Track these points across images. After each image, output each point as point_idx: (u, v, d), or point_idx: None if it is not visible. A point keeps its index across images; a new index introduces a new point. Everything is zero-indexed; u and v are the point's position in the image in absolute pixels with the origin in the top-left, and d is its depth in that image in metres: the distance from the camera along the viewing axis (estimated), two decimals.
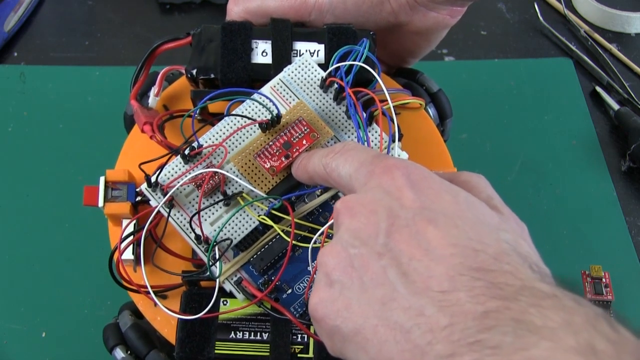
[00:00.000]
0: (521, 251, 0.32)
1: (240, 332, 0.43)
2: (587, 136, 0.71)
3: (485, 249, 0.31)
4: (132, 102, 0.48)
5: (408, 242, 0.31)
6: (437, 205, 0.33)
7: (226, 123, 0.44)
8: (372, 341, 0.31)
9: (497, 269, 0.30)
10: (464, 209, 0.33)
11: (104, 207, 0.44)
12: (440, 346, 0.28)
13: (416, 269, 0.31)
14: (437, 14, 0.53)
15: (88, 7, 0.81)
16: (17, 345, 0.57)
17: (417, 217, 0.32)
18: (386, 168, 0.34)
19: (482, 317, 0.28)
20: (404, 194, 0.33)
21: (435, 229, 0.31)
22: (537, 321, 0.27)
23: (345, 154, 0.37)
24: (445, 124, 0.56)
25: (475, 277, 0.30)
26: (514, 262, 0.31)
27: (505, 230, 0.33)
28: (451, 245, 0.31)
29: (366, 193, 0.34)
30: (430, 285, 0.30)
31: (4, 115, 0.71)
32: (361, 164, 0.36)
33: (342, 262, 0.33)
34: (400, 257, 0.31)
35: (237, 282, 0.42)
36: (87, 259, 0.61)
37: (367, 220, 0.33)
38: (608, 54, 0.77)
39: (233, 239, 0.42)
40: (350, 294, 0.32)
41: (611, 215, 0.66)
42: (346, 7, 0.50)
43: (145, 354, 0.46)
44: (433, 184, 0.34)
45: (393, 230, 0.32)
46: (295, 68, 0.46)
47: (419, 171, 0.34)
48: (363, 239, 0.33)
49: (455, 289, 0.29)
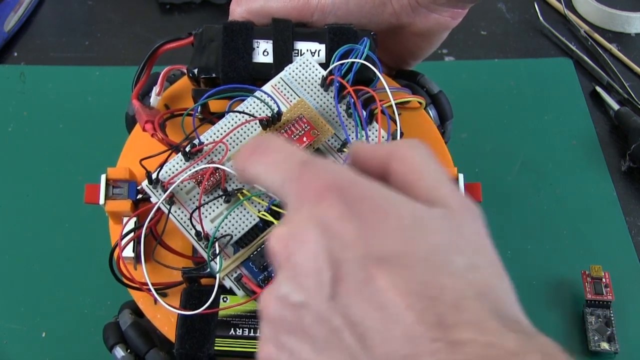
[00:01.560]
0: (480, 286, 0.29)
1: (240, 328, 0.43)
2: (587, 136, 0.71)
3: (442, 294, 0.28)
4: (134, 102, 0.48)
5: (358, 295, 0.28)
6: (382, 239, 0.29)
7: (227, 121, 0.44)
8: None
9: (457, 322, 0.27)
10: (412, 237, 0.29)
11: (105, 204, 0.44)
12: None
13: (371, 329, 0.28)
14: (439, 16, 0.53)
15: (88, 7, 0.81)
16: (17, 345, 0.57)
17: (363, 260, 0.28)
18: (318, 191, 0.30)
19: None
20: (343, 228, 0.29)
21: (385, 274, 0.28)
22: None
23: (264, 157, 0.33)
24: (446, 126, 0.56)
25: (435, 337, 0.27)
26: (474, 309, 0.28)
27: (460, 252, 0.30)
28: (405, 295, 0.28)
29: (301, 227, 0.30)
30: (391, 350, 0.27)
31: (4, 115, 0.71)
32: (286, 178, 0.31)
33: (289, 318, 0.30)
34: (352, 315, 0.28)
35: (237, 278, 0.42)
36: (87, 259, 0.61)
37: (307, 266, 0.29)
38: (608, 54, 0.77)
39: (233, 235, 0.42)
40: (303, 355, 0.30)
41: (611, 215, 0.66)
42: (348, 8, 0.50)
43: (145, 353, 0.46)
44: (373, 206, 0.30)
45: (339, 279, 0.28)
46: (296, 67, 0.46)
47: (355, 189, 0.30)
48: (307, 290, 0.29)
49: (417, 354, 0.27)
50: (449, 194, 0.32)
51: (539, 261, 0.62)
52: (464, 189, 0.46)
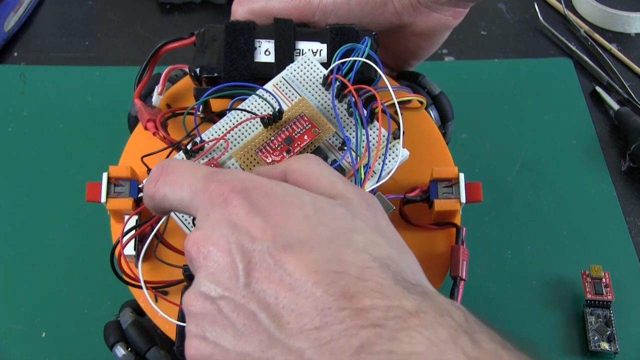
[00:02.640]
0: (382, 258, 0.32)
1: None
2: (587, 136, 0.71)
3: (346, 268, 0.30)
4: (136, 101, 0.48)
5: (269, 278, 0.31)
6: (287, 228, 0.32)
7: (229, 119, 0.44)
8: None
9: (360, 290, 0.30)
10: (315, 223, 0.32)
11: (107, 202, 0.44)
12: None
13: (285, 307, 0.30)
14: (440, 15, 0.53)
15: (88, 7, 0.81)
16: (17, 345, 0.57)
17: (271, 248, 0.31)
18: (223, 197, 0.33)
19: (358, 352, 0.28)
20: (251, 224, 0.32)
21: (292, 257, 0.31)
22: (407, 348, 0.28)
23: (170, 176, 0.35)
24: (447, 127, 0.56)
25: (341, 306, 0.29)
26: (377, 276, 0.30)
27: (361, 232, 0.32)
28: (312, 273, 0.30)
29: (212, 229, 0.32)
30: (304, 324, 0.29)
31: (4, 115, 0.71)
32: (194, 191, 0.34)
33: (210, 310, 0.32)
34: (266, 298, 0.30)
35: None
36: (87, 259, 0.61)
37: (222, 262, 0.32)
38: (608, 54, 0.78)
39: None
40: (226, 344, 0.31)
41: (611, 215, 0.66)
42: (350, 8, 0.50)
43: (146, 351, 0.46)
44: (277, 201, 0.32)
45: (251, 268, 0.31)
46: (297, 66, 0.46)
47: (258, 189, 0.33)
48: (224, 284, 0.31)
49: (327, 324, 0.29)
50: (345, 188, 0.35)
51: (539, 261, 0.62)
52: (464, 188, 0.46)
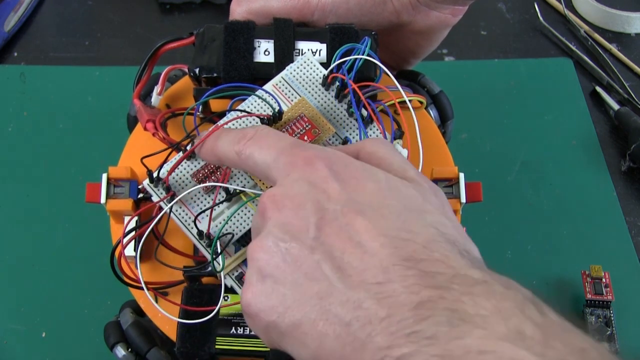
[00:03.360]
0: (448, 234, 0.33)
1: (241, 327, 0.43)
2: (587, 136, 0.71)
3: (414, 237, 0.31)
4: (135, 101, 0.48)
5: (339, 235, 0.32)
6: (362, 195, 0.33)
7: (228, 119, 0.44)
8: (312, 335, 0.31)
9: (427, 258, 0.31)
10: (388, 196, 0.33)
11: (106, 203, 0.44)
12: (379, 338, 0.29)
13: (350, 262, 0.31)
14: (439, 13, 0.53)
15: (88, 7, 0.81)
16: (17, 345, 0.57)
17: (345, 209, 0.32)
18: (307, 159, 0.35)
19: (417, 308, 0.29)
20: (329, 186, 0.33)
21: (364, 220, 0.32)
22: (470, 309, 0.28)
23: (260, 140, 0.37)
24: (447, 126, 0.56)
25: (407, 266, 0.30)
26: (443, 249, 0.31)
27: (430, 212, 0.34)
28: (381, 236, 0.31)
29: (291, 186, 0.34)
30: (366, 278, 0.30)
31: (4, 115, 0.71)
32: (279, 153, 0.36)
33: (274, 257, 0.33)
34: (332, 251, 0.32)
35: (238, 277, 0.42)
36: (87, 259, 0.61)
37: (295, 214, 0.33)
38: (608, 54, 0.78)
39: (235, 233, 0.42)
40: (284, 289, 0.32)
41: (611, 215, 0.66)
42: (349, 7, 0.50)
43: (146, 352, 0.46)
44: (355, 173, 0.34)
45: (322, 224, 0.32)
46: (297, 66, 0.46)
47: (340, 160, 0.35)
48: (293, 234, 0.33)
49: (390, 280, 0.30)
50: (416, 175, 0.36)
51: (539, 261, 0.62)
52: (464, 188, 0.46)
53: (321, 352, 0.31)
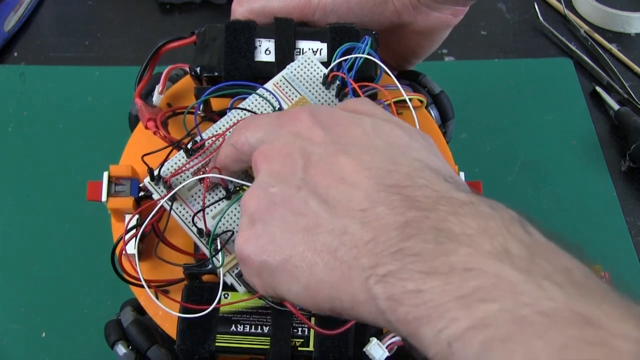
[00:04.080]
0: (433, 166, 0.33)
1: (241, 325, 0.43)
2: (587, 136, 0.71)
3: (398, 168, 0.32)
4: (136, 100, 0.48)
5: (323, 174, 0.33)
6: (347, 138, 0.34)
7: (229, 118, 0.44)
8: (302, 267, 0.32)
9: (412, 184, 0.31)
10: (373, 137, 0.34)
11: (107, 201, 0.44)
12: (365, 259, 0.30)
13: (335, 196, 0.32)
14: (440, 14, 0.53)
15: (88, 7, 0.81)
16: (17, 345, 0.57)
17: (329, 150, 0.34)
18: (292, 115, 0.36)
19: (403, 227, 0.30)
20: (313, 132, 0.35)
21: (348, 158, 0.33)
22: (456, 229, 0.29)
23: (250, 125, 0.38)
24: (447, 126, 0.56)
25: (392, 192, 0.31)
26: (427, 176, 0.32)
27: (416, 149, 0.34)
28: (365, 169, 0.32)
29: (278, 140, 0.36)
30: (351, 207, 0.31)
31: (4, 115, 0.71)
32: (268, 125, 0.37)
33: (263, 201, 0.34)
34: (318, 188, 0.33)
35: (238, 274, 0.42)
36: (87, 259, 0.61)
37: (283, 161, 0.34)
38: (608, 54, 0.78)
39: (235, 230, 0.42)
40: (273, 228, 0.33)
41: (611, 215, 0.66)
42: (350, 7, 0.50)
43: (147, 350, 0.46)
44: (340, 120, 0.35)
45: (308, 165, 0.34)
46: (298, 65, 0.46)
47: (324, 111, 0.36)
48: (281, 178, 0.34)
49: (375, 206, 0.31)
50: (403, 122, 0.37)
51: None
52: None
53: (311, 282, 0.32)
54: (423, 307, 0.28)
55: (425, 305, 0.28)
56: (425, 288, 0.28)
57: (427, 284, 0.28)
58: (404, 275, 0.29)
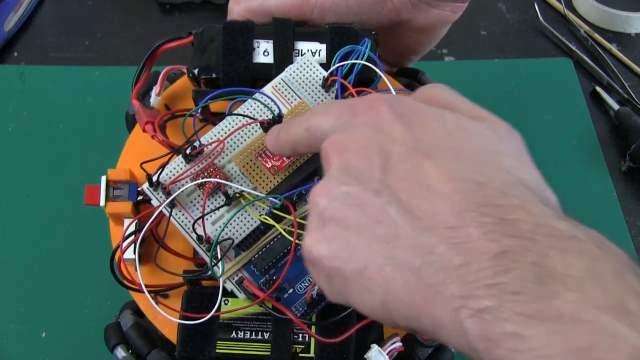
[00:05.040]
0: (526, 180, 0.30)
1: (242, 331, 0.43)
2: (587, 136, 0.71)
3: (489, 181, 0.29)
4: (134, 102, 0.48)
5: (406, 178, 0.29)
6: (429, 137, 0.31)
7: (227, 123, 0.44)
8: (378, 281, 0.29)
9: (505, 204, 0.28)
10: (457, 136, 0.31)
11: (106, 206, 0.44)
12: (454, 286, 0.27)
13: (419, 205, 0.29)
14: (439, 11, 0.53)
15: (88, 7, 0.81)
16: (17, 345, 0.57)
17: (411, 151, 0.30)
18: (369, 104, 0.33)
19: (498, 257, 0.26)
20: (393, 128, 0.31)
21: (432, 163, 0.29)
22: (560, 267, 0.26)
23: (325, 109, 0.35)
24: None
25: (484, 212, 0.27)
26: (522, 195, 0.28)
27: (505, 155, 0.31)
28: (451, 180, 0.29)
29: (354, 131, 0.32)
30: (437, 222, 0.28)
31: (4, 115, 0.70)
32: (342, 111, 0.34)
33: (336, 200, 0.31)
34: (399, 194, 0.29)
35: (238, 281, 0.42)
36: (87, 259, 0.61)
37: (358, 157, 0.31)
38: (608, 54, 0.77)
39: (234, 238, 0.42)
40: (347, 233, 0.30)
41: (611, 215, 0.66)
42: (348, 5, 0.50)
43: (147, 354, 0.45)
44: (421, 114, 0.32)
45: (388, 166, 0.30)
46: (297, 67, 0.46)
47: (404, 103, 0.33)
48: (356, 176, 0.31)
49: (465, 225, 0.27)
50: (487, 113, 0.33)
51: None
52: None
53: (389, 299, 0.29)
54: (526, 354, 0.25)
55: (528, 354, 0.25)
56: (528, 334, 0.25)
57: (529, 329, 0.25)
58: (503, 314, 0.25)
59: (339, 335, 0.41)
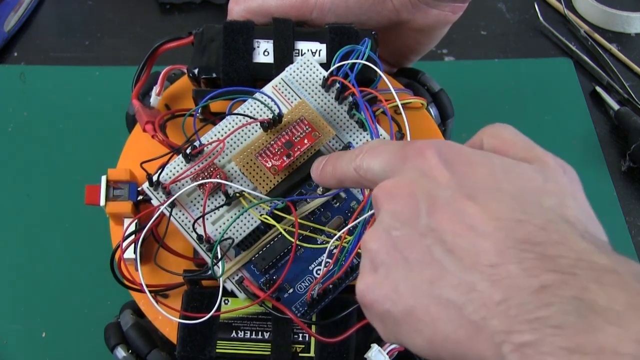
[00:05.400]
0: (569, 216, 0.30)
1: (242, 331, 0.43)
2: (587, 136, 0.71)
3: (530, 219, 0.29)
4: (134, 102, 0.48)
5: (450, 220, 0.30)
6: (473, 180, 0.32)
7: (228, 122, 0.44)
8: (425, 321, 0.30)
9: (545, 240, 0.28)
10: (501, 179, 0.32)
11: (106, 206, 0.44)
12: (496, 321, 0.28)
13: (462, 245, 0.30)
14: (439, 11, 0.53)
15: (88, 7, 0.81)
16: (17, 345, 0.57)
17: (455, 194, 0.31)
18: (417, 150, 0.34)
19: (538, 292, 0.27)
20: (439, 173, 0.32)
21: (475, 205, 0.30)
22: (601, 301, 0.26)
23: (374, 151, 0.36)
24: (447, 124, 0.56)
25: (524, 249, 0.28)
26: (562, 230, 0.29)
27: (550, 194, 0.31)
28: (493, 219, 0.30)
29: (402, 176, 0.34)
30: (479, 261, 0.29)
31: (4, 115, 0.70)
32: (392, 155, 0.35)
33: (385, 244, 0.32)
34: (443, 236, 0.30)
35: (238, 281, 0.42)
36: (87, 259, 0.61)
37: (406, 202, 0.32)
38: (608, 54, 0.77)
39: (235, 238, 0.42)
40: (396, 275, 0.32)
41: (611, 215, 0.66)
42: (348, 5, 0.50)
43: (147, 353, 0.45)
44: (466, 159, 0.33)
45: (433, 210, 0.31)
46: (297, 67, 0.46)
47: (450, 148, 0.34)
48: (404, 221, 0.32)
49: (505, 262, 0.28)
50: (543, 153, 0.34)
51: None
52: None
53: (435, 338, 0.30)
54: None
55: None
56: None
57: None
58: (544, 348, 0.26)
59: (339, 335, 0.41)
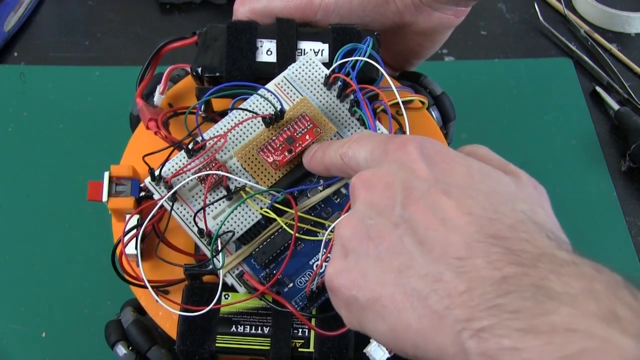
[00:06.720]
0: (537, 220, 0.32)
1: (242, 325, 0.43)
2: (587, 136, 0.71)
3: (501, 218, 0.31)
4: (138, 100, 0.48)
5: (424, 212, 0.32)
6: (451, 177, 0.33)
7: (230, 119, 0.44)
8: (390, 309, 0.31)
9: (513, 237, 0.30)
10: (478, 180, 0.33)
11: (108, 202, 0.44)
12: (458, 311, 0.29)
13: (433, 237, 0.31)
14: (442, 14, 0.53)
15: (88, 7, 0.81)
16: (17, 345, 0.57)
17: (432, 188, 0.32)
18: (400, 143, 0.35)
19: (500, 283, 0.28)
20: (418, 167, 0.33)
21: (450, 199, 0.32)
22: (557, 288, 0.27)
23: (360, 140, 0.38)
24: (449, 127, 0.56)
25: (492, 243, 0.30)
26: (530, 230, 0.30)
27: (522, 200, 0.33)
28: (466, 214, 0.31)
29: (381, 167, 0.35)
30: (448, 253, 0.30)
31: (4, 115, 0.70)
32: (376, 146, 0.36)
33: (358, 232, 0.33)
34: (416, 227, 0.31)
35: (238, 275, 0.42)
36: (87, 259, 0.61)
37: (382, 193, 0.33)
38: (608, 54, 0.78)
39: (235, 232, 0.42)
40: (366, 263, 0.32)
41: (611, 215, 0.66)
42: (352, 7, 0.50)
43: (147, 350, 0.46)
44: (446, 157, 0.34)
45: (408, 201, 0.32)
46: (299, 66, 0.46)
47: (432, 145, 0.35)
48: (379, 210, 0.33)
49: (473, 256, 0.29)
50: (516, 169, 0.36)
51: None
52: None
53: (398, 326, 0.31)
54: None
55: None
56: (523, 346, 0.26)
57: (525, 342, 0.26)
58: (501, 331, 0.27)
59: (339, 329, 0.41)
